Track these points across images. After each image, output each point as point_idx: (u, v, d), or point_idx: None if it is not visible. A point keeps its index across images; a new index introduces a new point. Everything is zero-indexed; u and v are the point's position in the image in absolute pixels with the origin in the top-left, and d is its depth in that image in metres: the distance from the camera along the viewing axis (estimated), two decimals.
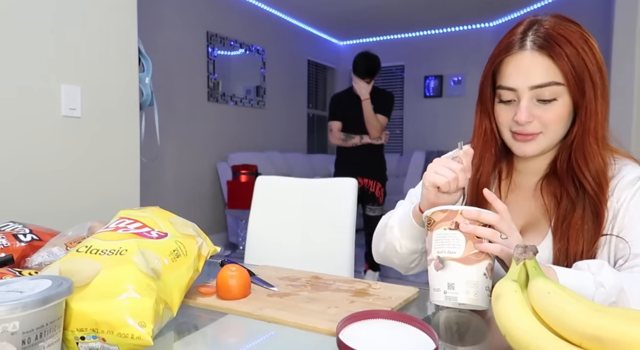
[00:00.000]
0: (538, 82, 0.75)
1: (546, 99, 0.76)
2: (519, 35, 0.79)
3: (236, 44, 4.69)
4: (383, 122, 3.03)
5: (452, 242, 0.67)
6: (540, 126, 0.78)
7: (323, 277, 0.90)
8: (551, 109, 0.77)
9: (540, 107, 0.77)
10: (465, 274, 0.66)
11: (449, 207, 0.69)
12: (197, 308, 0.75)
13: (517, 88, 0.78)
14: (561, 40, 0.75)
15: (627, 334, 0.44)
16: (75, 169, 1.64)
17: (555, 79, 0.75)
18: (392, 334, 0.59)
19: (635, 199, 0.77)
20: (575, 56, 0.74)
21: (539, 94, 0.76)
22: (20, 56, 1.48)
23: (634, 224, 0.76)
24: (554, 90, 0.76)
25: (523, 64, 0.77)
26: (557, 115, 0.77)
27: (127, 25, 1.79)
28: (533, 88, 0.76)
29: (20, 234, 0.88)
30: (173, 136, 3.93)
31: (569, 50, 0.74)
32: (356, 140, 3.04)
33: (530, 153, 0.81)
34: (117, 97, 1.77)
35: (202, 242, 0.79)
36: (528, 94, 0.77)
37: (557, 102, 0.76)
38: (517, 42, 0.78)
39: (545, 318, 0.51)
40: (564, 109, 0.77)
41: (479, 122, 0.88)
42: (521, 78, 0.77)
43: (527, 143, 0.80)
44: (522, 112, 0.77)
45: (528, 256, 0.57)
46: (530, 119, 0.77)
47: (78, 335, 0.56)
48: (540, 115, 0.77)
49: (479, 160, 0.89)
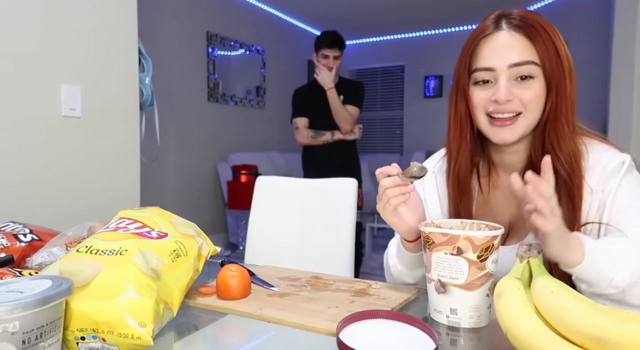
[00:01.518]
0: (516, 60, 0.76)
1: (525, 75, 0.77)
2: (492, 20, 0.80)
3: (236, 44, 4.70)
4: (354, 113, 2.67)
5: (455, 268, 0.65)
6: (520, 105, 0.78)
7: (323, 277, 0.90)
8: (529, 87, 0.77)
9: (519, 86, 0.77)
10: (469, 299, 0.65)
11: (450, 231, 0.65)
12: (197, 308, 0.75)
13: (495, 67, 0.78)
14: (535, 24, 0.77)
15: (628, 335, 0.44)
16: (75, 169, 1.64)
17: (532, 58, 0.76)
18: (392, 334, 0.59)
19: (621, 188, 0.76)
20: (549, 39, 0.76)
21: (517, 72, 0.77)
22: (20, 56, 1.48)
23: (624, 211, 0.75)
24: (531, 69, 0.76)
25: (500, 43, 0.78)
26: (536, 93, 0.77)
27: (127, 25, 1.79)
28: (511, 66, 0.76)
29: (21, 234, 0.88)
30: (173, 136, 3.93)
31: (543, 33, 0.76)
32: (327, 137, 2.69)
33: (509, 138, 0.79)
34: (117, 97, 1.77)
35: (202, 242, 0.79)
36: (506, 73, 0.77)
37: (534, 82, 0.77)
38: (491, 25, 0.79)
39: (548, 317, 0.51)
40: (541, 88, 0.78)
41: (454, 109, 0.86)
42: (499, 57, 0.77)
43: (506, 128, 0.79)
44: (501, 90, 0.77)
45: (532, 254, 0.57)
46: (510, 97, 0.77)
47: (78, 335, 0.56)
48: (519, 94, 0.77)
49: (456, 151, 0.87)
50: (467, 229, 0.73)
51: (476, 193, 0.90)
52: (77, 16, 1.62)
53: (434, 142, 6.20)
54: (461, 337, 0.64)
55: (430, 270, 0.68)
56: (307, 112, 2.73)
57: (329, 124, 2.68)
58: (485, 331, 0.66)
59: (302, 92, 2.82)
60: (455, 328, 0.66)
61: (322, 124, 2.69)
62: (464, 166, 0.87)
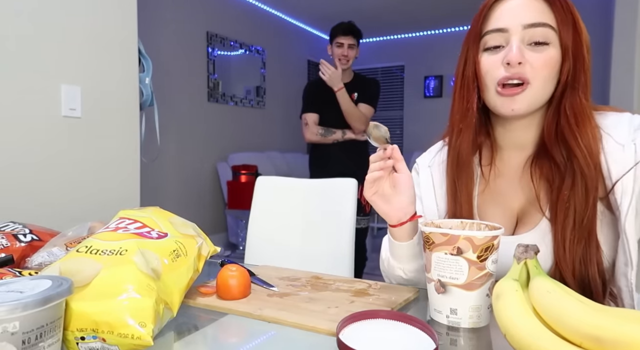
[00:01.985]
0: (532, 21, 0.72)
1: (539, 41, 0.72)
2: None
3: (236, 44, 4.70)
4: (367, 113, 2.52)
5: (455, 268, 0.65)
6: (531, 71, 0.72)
7: (323, 277, 0.90)
8: (543, 53, 0.72)
9: (532, 51, 0.72)
10: (469, 299, 0.65)
11: (450, 231, 0.65)
12: (197, 308, 0.75)
13: (507, 27, 0.73)
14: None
15: (627, 335, 0.44)
16: (75, 169, 1.64)
17: (549, 21, 0.72)
18: (392, 334, 0.59)
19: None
20: (566, 6, 0.73)
21: (532, 35, 0.72)
22: (20, 56, 1.48)
23: None
24: (547, 33, 0.72)
25: (515, 5, 0.73)
26: (550, 59, 0.72)
27: (127, 25, 1.79)
28: (526, 27, 0.72)
29: (20, 234, 0.88)
30: (173, 136, 3.93)
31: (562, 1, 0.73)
32: (337, 136, 2.52)
33: (518, 109, 0.73)
34: (117, 97, 1.77)
35: (202, 242, 0.79)
36: (520, 34, 0.72)
37: (548, 48, 0.72)
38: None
39: (546, 317, 0.51)
40: (556, 55, 0.73)
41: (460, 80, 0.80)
42: (513, 17, 0.73)
43: (515, 97, 0.73)
44: (513, 51, 0.71)
45: (529, 255, 0.57)
46: (522, 59, 0.71)
47: (78, 335, 0.56)
48: (531, 58, 0.72)
49: (458, 126, 0.81)
50: (467, 229, 0.73)
51: (478, 181, 0.85)
52: (78, 16, 1.62)
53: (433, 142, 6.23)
54: (461, 337, 0.64)
55: (430, 270, 0.68)
56: (318, 107, 2.56)
57: (340, 122, 2.51)
58: (485, 331, 0.66)
59: (314, 86, 2.63)
60: (455, 328, 0.66)
61: (333, 122, 2.53)
62: (466, 143, 0.81)
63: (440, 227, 0.71)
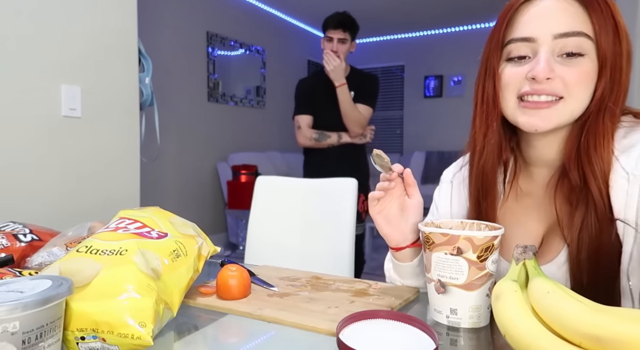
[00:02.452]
0: (564, 29, 0.61)
1: (572, 51, 0.61)
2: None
3: (236, 44, 4.70)
4: (366, 114, 2.26)
5: (455, 268, 0.65)
6: (562, 87, 0.62)
7: (323, 277, 0.90)
8: (576, 67, 0.61)
9: (563, 64, 0.62)
10: (469, 299, 0.65)
11: (450, 232, 0.64)
12: (197, 308, 0.75)
13: (535, 36, 0.62)
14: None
15: (627, 334, 0.44)
16: (75, 169, 1.64)
17: (584, 30, 0.61)
18: (392, 334, 0.59)
19: None
20: (607, 9, 0.62)
21: (563, 46, 0.61)
22: (20, 56, 1.48)
23: None
24: (582, 44, 0.61)
25: (545, 9, 0.62)
26: (585, 74, 0.61)
27: (127, 25, 1.79)
28: (557, 37, 0.61)
29: (20, 234, 0.88)
30: (173, 136, 3.93)
31: (602, 2, 0.62)
32: (333, 140, 2.26)
33: (542, 126, 0.64)
34: (117, 97, 1.77)
35: (202, 242, 0.79)
36: (550, 44, 0.62)
37: (583, 60, 0.61)
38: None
39: (545, 318, 0.51)
40: (592, 69, 0.62)
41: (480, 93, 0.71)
42: (542, 24, 0.62)
43: (540, 112, 0.63)
44: (540, 64, 0.61)
45: (528, 256, 0.57)
46: (551, 74, 0.61)
47: (78, 335, 0.56)
48: (562, 73, 0.61)
49: (481, 142, 0.72)
50: (467, 229, 0.73)
51: (501, 199, 0.76)
52: (78, 16, 1.62)
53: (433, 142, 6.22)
54: (461, 337, 0.64)
55: (430, 270, 0.68)
56: (311, 108, 2.31)
57: (336, 124, 2.26)
58: (485, 331, 0.66)
59: (306, 84, 2.39)
60: (455, 328, 0.66)
61: (328, 123, 2.27)
62: (490, 160, 0.72)
63: (440, 227, 0.71)
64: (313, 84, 2.37)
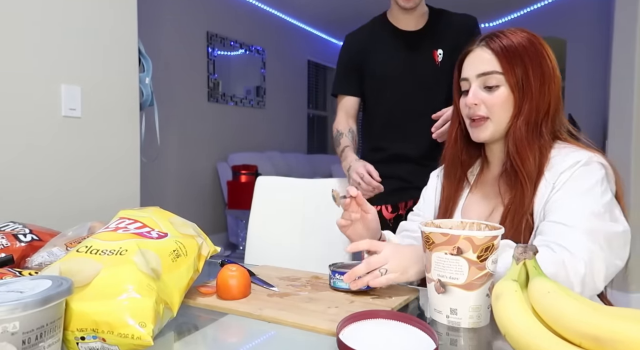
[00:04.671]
0: (482, 71, 0.89)
1: (491, 85, 0.89)
2: (477, 39, 0.93)
3: (236, 44, 4.70)
4: None
5: (455, 268, 0.65)
6: (487, 110, 0.89)
7: (323, 277, 0.90)
8: (495, 94, 0.89)
9: (486, 93, 0.90)
10: (469, 299, 0.65)
11: (450, 231, 0.65)
12: (197, 308, 0.75)
13: (468, 77, 0.92)
14: (502, 37, 0.89)
15: (626, 334, 0.44)
16: (75, 169, 1.64)
17: (495, 69, 0.88)
18: (392, 334, 0.59)
19: (567, 182, 0.82)
20: (512, 48, 0.87)
21: (485, 81, 0.89)
22: (20, 56, 1.48)
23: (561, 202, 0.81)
24: (498, 78, 0.88)
25: (473, 58, 0.92)
26: (500, 99, 0.88)
27: (127, 25, 1.79)
28: (479, 76, 0.90)
29: (20, 234, 0.88)
30: (173, 136, 3.93)
31: (507, 41, 0.88)
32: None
33: (483, 138, 0.92)
34: (117, 97, 1.77)
35: (202, 242, 0.79)
36: (476, 82, 0.90)
37: (500, 89, 0.88)
38: (473, 44, 0.93)
39: (545, 318, 0.51)
40: (505, 95, 0.88)
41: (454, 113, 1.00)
42: (470, 68, 0.91)
43: (479, 128, 0.91)
44: (469, 96, 0.90)
45: (528, 256, 0.57)
46: (477, 101, 0.89)
47: (78, 335, 0.56)
48: (485, 99, 0.89)
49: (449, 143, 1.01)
50: (467, 229, 0.73)
51: (467, 189, 1.01)
52: (77, 16, 1.62)
53: None
54: (461, 337, 0.64)
55: (430, 270, 0.68)
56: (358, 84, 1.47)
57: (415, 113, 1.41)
58: (485, 331, 0.66)
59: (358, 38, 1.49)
60: (455, 328, 0.66)
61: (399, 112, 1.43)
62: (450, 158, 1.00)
63: (440, 227, 0.71)
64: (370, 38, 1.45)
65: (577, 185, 0.81)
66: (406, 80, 1.42)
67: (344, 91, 1.51)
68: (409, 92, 1.42)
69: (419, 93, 1.42)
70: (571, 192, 0.81)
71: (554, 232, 0.78)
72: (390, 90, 1.44)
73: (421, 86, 1.42)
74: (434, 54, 1.40)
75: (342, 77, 1.51)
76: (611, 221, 0.79)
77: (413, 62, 1.41)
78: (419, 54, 1.41)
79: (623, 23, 2.71)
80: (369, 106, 1.52)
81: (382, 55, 1.43)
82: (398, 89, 1.43)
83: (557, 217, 0.80)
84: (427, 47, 1.40)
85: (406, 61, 1.41)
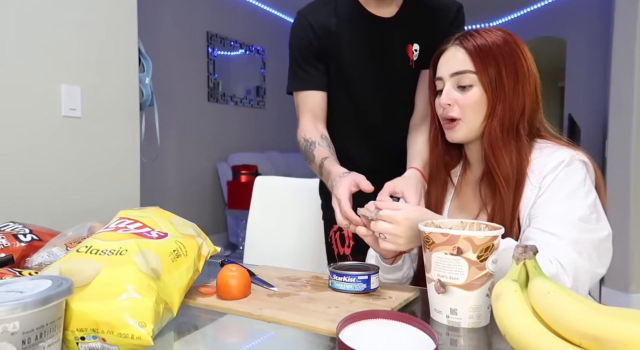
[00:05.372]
0: (455, 70, 0.88)
1: (464, 84, 0.87)
2: (452, 38, 0.92)
3: (236, 44, 4.70)
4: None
5: (455, 268, 0.65)
6: (459, 111, 0.88)
7: (323, 277, 0.90)
8: (468, 94, 0.87)
9: (460, 93, 0.88)
10: (469, 299, 0.65)
11: (450, 232, 0.65)
12: (197, 308, 0.75)
13: (442, 76, 0.90)
14: (476, 36, 0.88)
15: (626, 334, 0.44)
16: (75, 169, 1.64)
17: (468, 68, 0.87)
18: (392, 334, 0.59)
19: (552, 185, 0.82)
20: (486, 47, 0.86)
21: (458, 80, 0.88)
22: (20, 56, 1.48)
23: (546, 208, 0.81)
24: (471, 77, 0.87)
25: (447, 57, 0.91)
26: (472, 99, 0.87)
27: (127, 25, 1.79)
28: (452, 75, 0.88)
29: (20, 234, 0.88)
30: (173, 136, 3.93)
31: (481, 41, 0.87)
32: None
33: (456, 139, 0.91)
34: (117, 97, 1.77)
35: (202, 242, 0.79)
36: (450, 81, 0.89)
37: (473, 89, 0.87)
38: (447, 43, 0.92)
39: (545, 318, 0.51)
40: (478, 95, 0.87)
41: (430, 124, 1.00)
42: (444, 67, 0.90)
43: (452, 129, 0.90)
44: (442, 95, 0.89)
45: (528, 256, 0.57)
46: (450, 101, 0.88)
47: (78, 335, 0.56)
48: (458, 99, 0.88)
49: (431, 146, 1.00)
50: (467, 229, 0.73)
51: (453, 190, 0.99)
52: (77, 16, 1.62)
53: None
54: (461, 337, 0.64)
55: (430, 270, 0.68)
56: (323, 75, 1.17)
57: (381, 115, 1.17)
58: (485, 331, 0.66)
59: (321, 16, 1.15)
60: (455, 328, 0.66)
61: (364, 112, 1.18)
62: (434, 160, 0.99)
63: (440, 227, 0.71)
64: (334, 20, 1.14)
65: (561, 188, 0.81)
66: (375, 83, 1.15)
67: (305, 85, 1.17)
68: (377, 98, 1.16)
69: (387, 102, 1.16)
70: (556, 195, 0.81)
71: (542, 242, 0.77)
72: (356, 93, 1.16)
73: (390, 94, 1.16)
74: (408, 50, 1.13)
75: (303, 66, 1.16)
76: (597, 224, 0.80)
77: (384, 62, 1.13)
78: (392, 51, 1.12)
79: (623, 23, 2.71)
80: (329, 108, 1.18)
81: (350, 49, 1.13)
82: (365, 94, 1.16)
83: (543, 224, 0.79)
84: (401, 41, 1.12)
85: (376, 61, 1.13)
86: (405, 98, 1.16)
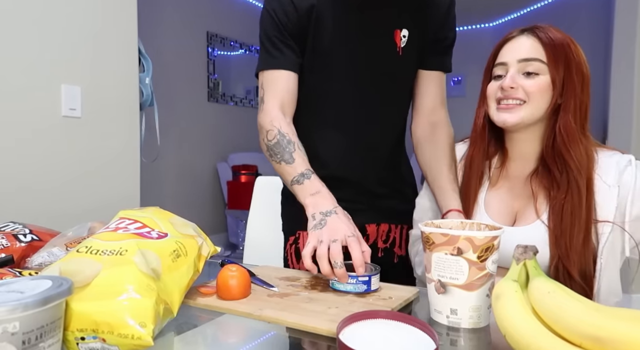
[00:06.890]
0: (525, 56, 0.89)
1: (530, 71, 0.88)
2: (519, 29, 0.94)
3: (236, 44, 4.70)
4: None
5: (455, 268, 0.65)
6: (524, 94, 0.89)
7: (323, 278, 0.90)
8: (534, 81, 0.88)
9: (525, 79, 0.89)
10: (469, 300, 0.65)
11: (450, 232, 0.65)
12: (197, 308, 0.75)
13: (507, 61, 0.91)
14: (549, 30, 0.90)
15: (627, 334, 0.44)
16: (75, 169, 1.64)
17: (539, 57, 0.88)
18: (392, 334, 0.59)
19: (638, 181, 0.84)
20: (559, 42, 0.88)
21: (525, 66, 0.89)
22: (20, 56, 1.48)
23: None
24: (538, 66, 0.88)
25: (514, 44, 0.92)
26: (539, 86, 0.88)
27: (127, 25, 1.79)
28: (520, 61, 0.89)
29: (20, 234, 0.88)
30: (173, 136, 3.93)
31: (553, 35, 0.89)
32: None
33: (510, 121, 0.89)
34: (117, 97, 1.77)
35: (202, 243, 0.79)
36: (515, 66, 0.90)
37: (539, 77, 0.88)
38: (515, 32, 0.94)
39: (546, 318, 0.51)
40: (545, 83, 0.88)
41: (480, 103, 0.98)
42: (511, 53, 0.91)
43: (508, 111, 0.90)
44: (507, 78, 0.89)
45: (528, 256, 0.57)
46: (514, 85, 0.89)
47: (78, 335, 0.56)
48: (523, 84, 0.89)
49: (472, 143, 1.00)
50: (467, 229, 0.73)
51: (487, 182, 1.00)
52: (77, 16, 1.62)
53: None
54: (461, 337, 0.64)
55: (430, 270, 0.68)
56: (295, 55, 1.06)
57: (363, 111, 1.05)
58: (485, 331, 0.66)
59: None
60: (455, 328, 0.66)
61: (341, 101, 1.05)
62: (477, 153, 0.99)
63: (440, 228, 0.71)
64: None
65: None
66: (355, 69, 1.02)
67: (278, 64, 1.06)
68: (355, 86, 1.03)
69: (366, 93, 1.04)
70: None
71: None
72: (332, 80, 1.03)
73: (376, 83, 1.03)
74: (396, 35, 1.01)
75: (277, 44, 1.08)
76: None
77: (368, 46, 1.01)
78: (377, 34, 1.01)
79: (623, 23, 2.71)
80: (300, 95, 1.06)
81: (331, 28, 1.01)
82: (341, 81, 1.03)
83: None
84: (389, 24, 1.01)
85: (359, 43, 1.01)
86: (389, 90, 1.04)
